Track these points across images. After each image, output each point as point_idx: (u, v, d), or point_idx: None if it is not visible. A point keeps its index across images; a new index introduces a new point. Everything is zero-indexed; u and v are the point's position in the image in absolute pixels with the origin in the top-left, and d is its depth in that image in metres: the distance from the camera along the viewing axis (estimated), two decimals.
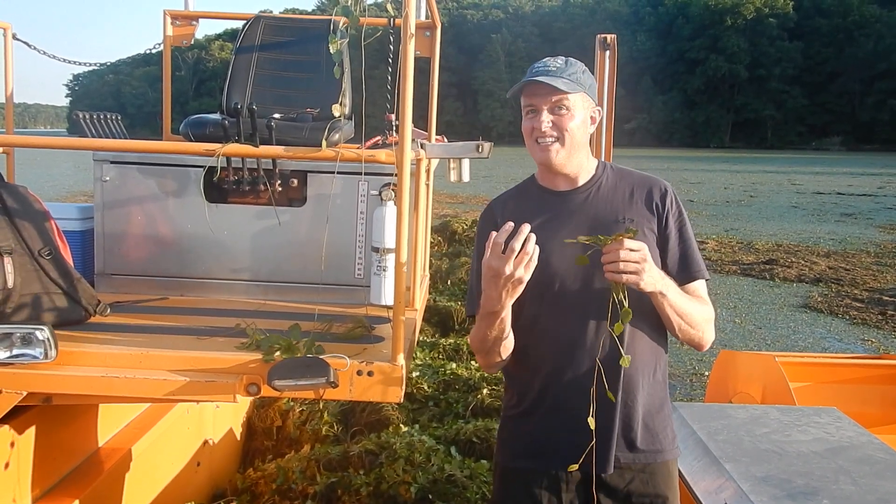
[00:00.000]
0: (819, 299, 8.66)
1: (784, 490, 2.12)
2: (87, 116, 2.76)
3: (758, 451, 2.40)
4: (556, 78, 1.70)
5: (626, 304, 1.60)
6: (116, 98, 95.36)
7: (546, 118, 1.72)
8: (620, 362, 1.65)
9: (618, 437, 1.74)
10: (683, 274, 1.77)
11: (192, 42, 3.47)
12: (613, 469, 1.74)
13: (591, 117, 1.79)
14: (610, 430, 1.73)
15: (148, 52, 3.62)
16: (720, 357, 3.98)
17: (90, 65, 4.01)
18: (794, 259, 11.10)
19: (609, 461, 1.73)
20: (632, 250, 1.57)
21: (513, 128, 74.46)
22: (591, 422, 1.66)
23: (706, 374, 5.60)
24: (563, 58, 1.77)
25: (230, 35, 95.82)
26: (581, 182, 1.80)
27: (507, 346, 1.73)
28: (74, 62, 3.69)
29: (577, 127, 1.73)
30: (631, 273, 1.58)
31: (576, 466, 1.70)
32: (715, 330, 1.83)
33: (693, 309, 1.73)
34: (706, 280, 1.82)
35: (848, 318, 7.90)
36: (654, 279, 1.62)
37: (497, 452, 1.92)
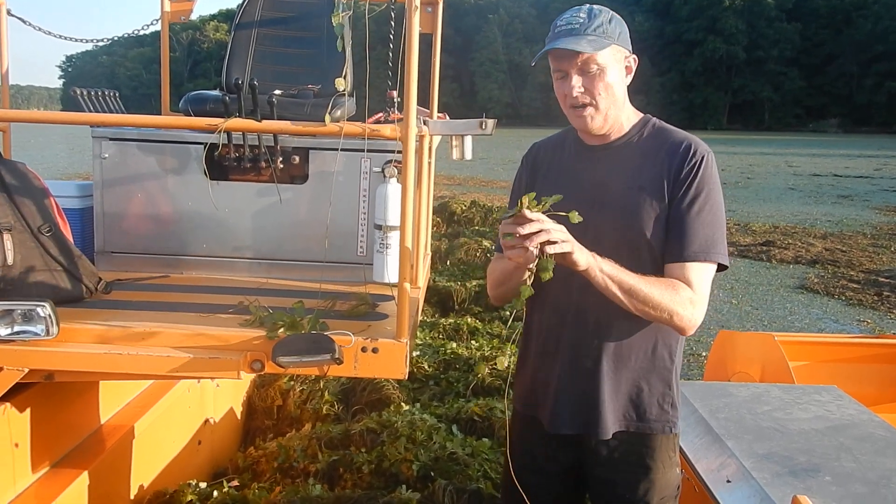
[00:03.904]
0: (815, 280, 8.68)
1: (786, 467, 2.13)
2: (85, 93, 2.73)
3: (759, 428, 2.41)
4: (580, 38, 1.61)
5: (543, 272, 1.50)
6: (111, 80, 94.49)
7: (576, 82, 1.64)
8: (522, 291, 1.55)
9: (593, 402, 1.76)
10: (669, 252, 1.66)
11: (190, 18, 3.43)
12: (570, 432, 1.78)
13: (627, 67, 1.70)
14: (572, 391, 1.76)
15: (145, 28, 3.57)
16: (718, 337, 3.99)
17: (86, 41, 3.94)
18: (790, 241, 11.13)
19: (566, 422, 1.77)
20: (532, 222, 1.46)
21: (510, 110, 74.23)
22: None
23: (703, 354, 5.62)
24: (588, 8, 1.67)
25: (225, 16, 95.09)
26: (611, 139, 1.75)
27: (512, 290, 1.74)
28: (70, 38, 3.64)
29: (610, 85, 1.65)
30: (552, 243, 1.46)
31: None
32: (712, 311, 1.79)
33: (642, 287, 1.59)
34: (718, 264, 1.65)
35: (844, 299, 7.93)
36: (571, 247, 1.50)
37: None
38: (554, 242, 1.46)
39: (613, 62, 1.66)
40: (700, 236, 1.64)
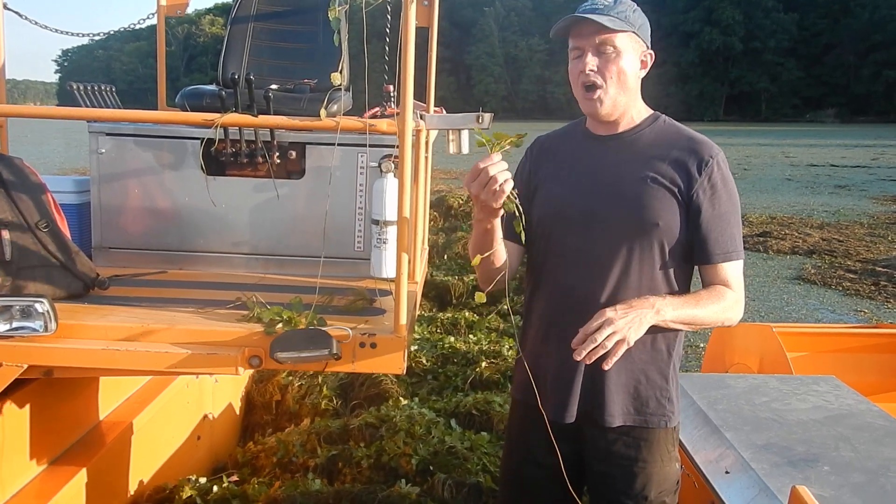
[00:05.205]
0: (812, 271, 8.69)
1: (784, 457, 2.14)
2: (81, 87, 2.72)
3: (758, 419, 2.41)
4: (602, 15, 1.62)
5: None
6: (107, 74, 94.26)
7: (591, 60, 1.65)
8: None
9: (593, 391, 1.76)
10: (704, 254, 1.72)
11: (186, 12, 3.42)
12: (572, 420, 1.78)
13: (642, 61, 1.72)
14: (572, 380, 1.76)
15: (140, 22, 3.56)
16: (716, 328, 3.99)
17: (82, 35, 3.93)
18: (787, 231, 11.13)
19: (566, 410, 1.77)
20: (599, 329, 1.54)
21: (506, 103, 74.02)
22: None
23: (701, 346, 5.63)
24: None
25: (221, 10, 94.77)
26: (620, 129, 1.76)
27: (495, 261, 1.75)
28: (66, 32, 3.62)
29: (623, 71, 1.66)
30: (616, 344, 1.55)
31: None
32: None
33: (699, 312, 1.68)
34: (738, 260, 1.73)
35: (841, 289, 7.94)
36: (639, 326, 1.57)
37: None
38: (621, 341, 1.54)
39: (630, 50, 1.67)
40: (728, 235, 1.72)
